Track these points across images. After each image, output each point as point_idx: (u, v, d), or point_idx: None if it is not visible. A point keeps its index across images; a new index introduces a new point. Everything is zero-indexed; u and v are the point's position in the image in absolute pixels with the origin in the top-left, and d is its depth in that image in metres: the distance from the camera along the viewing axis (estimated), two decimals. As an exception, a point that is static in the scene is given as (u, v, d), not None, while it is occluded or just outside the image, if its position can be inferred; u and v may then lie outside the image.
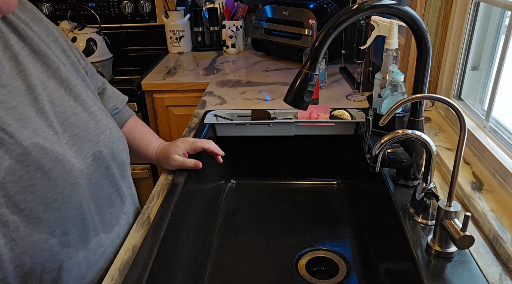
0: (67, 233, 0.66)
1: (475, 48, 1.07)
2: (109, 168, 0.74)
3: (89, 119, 0.72)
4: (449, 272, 0.64)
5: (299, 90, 0.74)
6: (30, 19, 0.71)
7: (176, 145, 0.96)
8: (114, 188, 0.77)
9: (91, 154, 0.70)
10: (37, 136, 0.62)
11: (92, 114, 0.73)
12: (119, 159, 0.78)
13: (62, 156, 0.64)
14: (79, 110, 0.71)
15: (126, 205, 0.81)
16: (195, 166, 0.95)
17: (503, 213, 0.75)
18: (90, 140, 0.71)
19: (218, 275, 0.96)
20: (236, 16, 2.04)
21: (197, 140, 0.98)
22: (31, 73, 0.66)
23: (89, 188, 0.69)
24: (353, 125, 1.19)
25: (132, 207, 0.85)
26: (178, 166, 0.95)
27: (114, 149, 0.76)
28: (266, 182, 1.29)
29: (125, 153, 0.81)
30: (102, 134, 0.73)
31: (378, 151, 0.72)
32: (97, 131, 0.72)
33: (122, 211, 0.79)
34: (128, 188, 0.83)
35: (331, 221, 1.11)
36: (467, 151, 0.94)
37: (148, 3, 2.10)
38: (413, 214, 0.77)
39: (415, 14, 0.72)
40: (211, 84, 1.62)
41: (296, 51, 1.77)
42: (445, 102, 0.65)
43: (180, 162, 0.94)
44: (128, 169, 0.82)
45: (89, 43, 2.00)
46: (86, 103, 0.73)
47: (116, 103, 0.92)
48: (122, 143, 0.80)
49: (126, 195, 0.81)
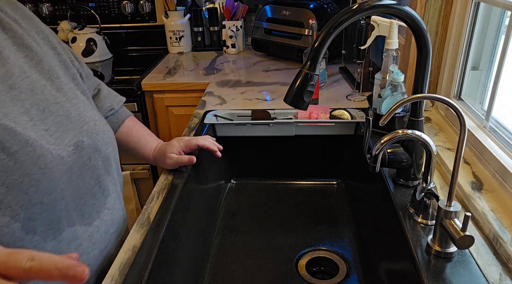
0: (33, 218, 0.64)
1: (475, 48, 1.07)
2: (91, 159, 0.73)
3: (72, 109, 0.72)
4: (449, 272, 0.64)
5: (299, 90, 0.74)
6: (19, 16, 0.73)
7: (172, 144, 0.97)
8: (96, 180, 0.75)
9: (73, 143, 0.70)
10: (6, 119, 0.61)
11: (75, 105, 0.73)
12: (103, 152, 0.77)
13: (34, 140, 0.63)
14: (61, 100, 0.71)
15: (109, 200, 0.79)
16: (189, 161, 0.95)
17: (503, 213, 0.75)
18: (73, 129, 0.71)
19: (218, 275, 0.96)
20: (236, 16, 2.04)
21: (191, 138, 0.98)
22: (10, 62, 0.66)
23: (68, 175, 0.68)
24: (353, 125, 1.19)
25: (118, 204, 0.83)
26: (174, 163, 0.96)
27: (97, 141, 0.75)
28: (266, 182, 1.29)
29: (110, 146, 0.79)
30: (86, 125, 0.73)
31: (378, 151, 0.72)
32: (80, 121, 0.72)
33: (104, 205, 0.77)
34: (113, 185, 0.81)
35: (331, 221, 1.11)
36: (467, 151, 0.94)
37: (148, 3, 2.10)
38: (413, 214, 0.77)
39: (415, 14, 0.72)
40: (211, 84, 1.62)
41: (296, 51, 1.77)
42: (445, 102, 0.65)
43: (176, 159, 0.95)
44: (113, 165, 0.80)
45: (89, 43, 2.00)
46: (68, 95, 0.73)
47: (112, 104, 0.92)
48: (108, 136, 0.79)
49: (110, 190, 0.79)
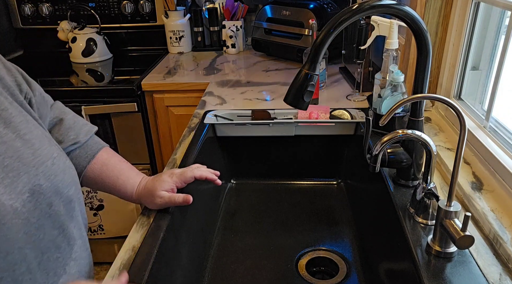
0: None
1: (475, 48, 1.07)
2: (51, 205, 0.62)
3: (24, 148, 0.60)
4: (449, 272, 0.64)
5: (299, 90, 0.74)
6: None
7: (162, 179, 0.82)
8: (59, 229, 0.64)
9: (28, 189, 0.59)
10: None
11: (28, 142, 0.61)
12: (65, 195, 0.65)
13: None
14: (10, 138, 0.59)
15: (75, 249, 0.67)
16: (184, 201, 0.81)
17: (503, 213, 0.75)
18: (26, 173, 0.59)
19: (218, 275, 0.96)
20: (236, 16, 2.04)
21: (185, 171, 0.85)
22: None
23: (25, 229, 0.57)
24: (353, 125, 1.19)
25: (84, 251, 0.70)
26: (165, 203, 0.81)
27: (57, 183, 0.63)
28: (266, 182, 1.29)
29: (73, 187, 0.67)
30: (42, 166, 0.61)
31: (378, 151, 0.72)
32: (34, 162, 0.61)
33: (70, 257, 0.66)
34: (78, 229, 0.69)
35: (331, 221, 1.11)
36: (467, 151, 0.94)
37: (148, 3, 2.10)
38: (413, 214, 0.77)
39: (415, 14, 0.72)
40: (211, 84, 1.62)
41: (296, 51, 1.77)
42: (445, 102, 0.65)
43: (167, 198, 0.81)
44: (77, 207, 0.69)
45: (89, 43, 2.00)
46: (19, 130, 0.61)
47: (77, 135, 0.78)
48: (69, 175, 0.67)
49: (75, 237, 0.67)
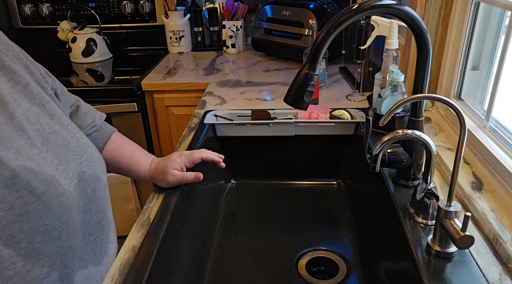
0: (67, 265, 0.59)
1: (475, 48, 1.07)
2: (95, 190, 0.67)
3: (69, 138, 0.65)
4: (449, 272, 0.64)
5: (299, 90, 0.74)
6: None
7: (173, 159, 0.88)
8: (102, 212, 0.69)
9: (77, 175, 0.63)
10: (21, 157, 0.55)
11: (71, 132, 0.66)
12: (103, 181, 0.70)
13: (51, 177, 0.57)
14: (57, 128, 0.63)
15: (111, 233, 0.73)
16: (196, 178, 0.88)
17: (503, 213, 0.75)
18: (74, 161, 0.63)
19: (218, 275, 0.95)
20: (236, 16, 2.04)
21: (193, 152, 0.91)
22: (0, 89, 0.58)
23: (77, 212, 0.62)
24: (353, 125, 1.19)
25: (115, 236, 0.77)
26: (178, 181, 0.87)
27: (97, 170, 0.68)
28: (266, 182, 1.29)
29: (106, 174, 0.73)
30: (85, 154, 0.66)
31: (378, 151, 0.72)
32: (79, 151, 0.65)
33: (109, 239, 0.72)
34: (111, 215, 0.76)
35: (331, 221, 1.11)
36: (467, 151, 0.94)
37: (148, 3, 2.10)
38: (413, 214, 0.77)
39: (415, 14, 0.72)
40: (211, 84, 1.62)
41: (296, 51, 1.77)
42: (445, 102, 0.65)
43: (179, 176, 0.87)
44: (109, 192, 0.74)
45: (89, 43, 2.00)
46: (62, 121, 0.66)
47: (94, 119, 0.83)
48: (103, 163, 0.73)
49: (111, 222, 0.74)
